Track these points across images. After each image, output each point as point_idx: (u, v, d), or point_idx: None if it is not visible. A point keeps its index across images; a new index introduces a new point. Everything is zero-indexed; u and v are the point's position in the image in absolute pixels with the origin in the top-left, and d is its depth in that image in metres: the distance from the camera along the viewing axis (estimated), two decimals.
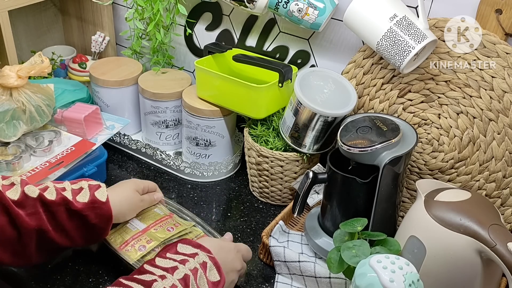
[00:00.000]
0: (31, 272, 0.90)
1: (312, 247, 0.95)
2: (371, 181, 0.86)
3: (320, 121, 0.97)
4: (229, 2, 1.08)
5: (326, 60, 1.12)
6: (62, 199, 0.80)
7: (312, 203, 1.06)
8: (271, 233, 0.95)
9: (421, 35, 0.86)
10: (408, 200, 1.02)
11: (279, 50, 1.17)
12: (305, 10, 1.00)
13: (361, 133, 0.87)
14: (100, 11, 1.39)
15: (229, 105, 1.10)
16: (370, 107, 1.01)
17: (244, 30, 1.21)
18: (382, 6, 0.88)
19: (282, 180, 1.07)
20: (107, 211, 0.84)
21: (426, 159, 0.96)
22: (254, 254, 0.97)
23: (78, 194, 0.83)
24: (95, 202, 0.83)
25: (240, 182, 1.18)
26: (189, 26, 1.27)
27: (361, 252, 0.76)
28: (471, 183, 0.94)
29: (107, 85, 1.22)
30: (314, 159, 1.08)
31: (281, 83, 1.04)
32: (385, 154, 0.84)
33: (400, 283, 0.66)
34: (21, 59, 1.42)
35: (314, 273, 0.88)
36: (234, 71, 1.17)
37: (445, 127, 0.94)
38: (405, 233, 0.82)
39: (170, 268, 0.71)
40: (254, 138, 1.08)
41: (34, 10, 1.44)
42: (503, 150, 0.90)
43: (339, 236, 0.83)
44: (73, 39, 1.53)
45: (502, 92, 0.88)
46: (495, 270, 0.78)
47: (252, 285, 0.91)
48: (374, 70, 0.99)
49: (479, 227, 0.73)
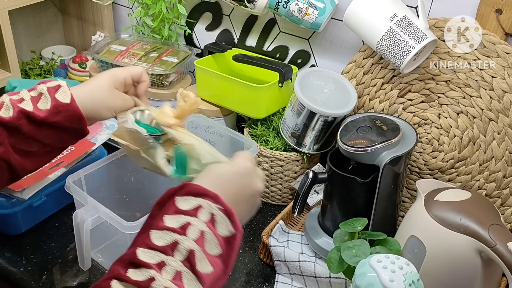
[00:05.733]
0: (31, 272, 0.90)
1: (312, 247, 0.96)
2: (371, 181, 0.86)
3: (320, 121, 0.97)
4: (229, 2, 1.08)
5: (326, 60, 1.12)
6: (21, 113, 0.72)
7: (312, 203, 1.06)
8: (271, 233, 0.95)
9: (421, 35, 0.86)
10: (408, 200, 1.02)
11: (279, 50, 1.17)
12: (305, 10, 1.00)
13: (361, 133, 0.87)
14: (100, 11, 1.39)
15: (229, 105, 1.10)
16: (370, 107, 1.01)
17: (244, 30, 1.21)
18: (382, 6, 0.88)
19: (282, 180, 1.07)
20: (74, 112, 0.74)
21: (426, 159, 0.96)
22: (254, 254, 0.97)
23: (39, 101, 0.74)
24: (58, 106, 0.74)
25: None
26: (189, 26, 1.28)
27: (361, 252, 0.76)
28: (471, 183, 0.94)
29: None
30: (314, 159, 1.08)
31: (281, 83, 1.04)
32: (385, 154, 0.84)
33: (400, 283, 0.66)
34: (21, 59, 1.42)
35: (314, 273, 0.88)
36: (234, 71, 1.17)
37: (445, 127, 0.94)
38: (405, 233, 0.82)
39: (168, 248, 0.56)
40: (254, 138, 1.08)
41: (34, 10, 1.44)
42: (503, 150, 0.90)
43: (339, 236, 0.83)
44: (73, 39, 1.53)
45: (502, 92, 0.88)
46: (495, 270, 0.78)
47: (252, 285, 0.91)
48: (374, 70, 0.99)
49: (479, 227, 0.73)
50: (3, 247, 0.95)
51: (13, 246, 0.95)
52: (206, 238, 0.58)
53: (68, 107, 0.74)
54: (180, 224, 0.58)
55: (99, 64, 1.23)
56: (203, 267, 0.56)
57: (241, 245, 0.99)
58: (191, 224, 0.57)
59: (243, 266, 0.95)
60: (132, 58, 1.21)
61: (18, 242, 0.95)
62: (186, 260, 0.55)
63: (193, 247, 0.56)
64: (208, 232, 0.58)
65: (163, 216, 0.59)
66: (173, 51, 1.25)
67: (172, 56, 1.23)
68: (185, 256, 0.56)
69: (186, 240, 0.56)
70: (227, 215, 0.60)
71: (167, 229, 0.57)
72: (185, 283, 0.55)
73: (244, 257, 0.97)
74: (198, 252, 0.56)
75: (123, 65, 1.18)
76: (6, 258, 0.92)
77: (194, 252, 0.56)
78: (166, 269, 0.54)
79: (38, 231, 0.98)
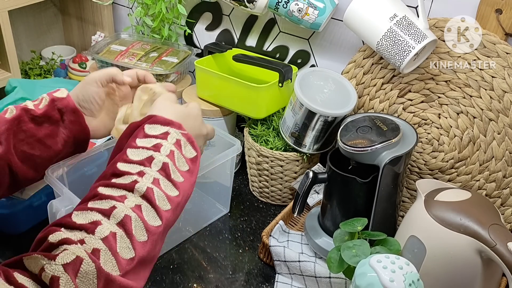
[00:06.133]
0: None
1: (312, 247, 0.96)
2: (371, 181, 0.86)
3: (320, 121, 0.97)
4: (229, 2, 1.08)
5: (326, 60, 1.12)
6: (23, 110, 0.79)
7: (312, 203, 1.06)
8: (271, 233, 0.95)
9: (421, 35, 0.86)
10: (408, 200, 1.02)
11: (279, 50, 1.17)
12: (305, 10, 1.00)
13: (361, 133, 0.87)
14: (100, 11, 1.39)
15: (229, 105, 1.10)
16: (370, 107, 1.01)
17: (244, 30, 1.21)
18: (382, 6, 0.88)
19: (282, 180, 1.07)
20: (68, 103, 0.81)
21: (426, 159, 0.96)
22: (254, 254, 0.97)
23: (40, 103, 0.81)
24: (54, 100, 0.81)
25: (240, 182, 1.18)
26: (189, 26, 1.28)
27: (361, 252, 0.76)
28: (471, 183, 0.94)
29: None
30: (314, 159, 1.08)
31: (281, 83, 1.04)
32: (385, 154, 0.84)
33: (400, 283, 0.66)
34: (21, 59, 1.42)
35: (314, 273, 0.88)
36: (234, 71, 1.17)
37: (445, 127, 0.94)
38: (405, 233, 0.82)
39: (145, 161, 0.66)
40: (254, 138, 1.08)
41: (34, 10, 1.44)
42: (503, 150, 0.90)
43: (339, 235, 0.83)
44: (73, 39, 1.53)
45: (502, 92, 0.88)
46: (495, 270, 0.78)
47: (252, 285, 0.91)
48: (374, 70, 0.99)
49: (479, 227, 0.73)
50: (3, 247, 0.95)
51: (13, 246, 0.95)
52: (176, 156, 0.68)
53: (63, 100, 0.82)
54: (152, 144, 0.68)
55: (99, 64, 1.23)
56: (176, 177, 0.67)
57: (241, 245, 1.00)
58: (162, 145, 0.68)
59: (243, 265, 0.95)
60: (132, 58, 1.21)
61: (18, 242, 0.95)
62: (162, 170, 0.66)
63: (166, 160, 0.67)
64: (177, 152, 0.69)
65: (136, 139, 0.69)
66: (173, 51, 1.25)
67: (172, 56, 1.23)
68: (160, 167, 0.66)
69: (160, 155, 0.67)
70: (189, 141, 0.72)
71: (142, 147, 0.68)
72: (162, 186, 0.65)
73: (244, 256, 0.97)
74: (171, 165, 0.67)
75: (123, 65, 1.18)
76: (6, 258, 0.92)
77: (168, 164, 0.67)
78: (146, 176, 0.64)
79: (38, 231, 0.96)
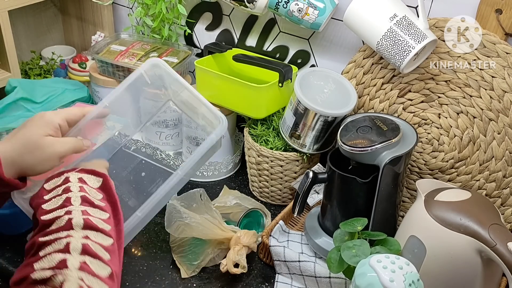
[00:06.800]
0: None
1: (312, 247, 0.96)
2: (371, 181, 0.86)
3: (320, 121, 0.97)
4: (229, 2, 1.08)
5: (326, 60, 1.12)
6: None
7: (312, 203, 1.06)
8: (271, 233, 0.95)
9: (421, 35, 0.86)
10: (408, 200, 1.02)
11: (279, 50, 1.17)
12: (305, 10, 1.00)
13: (361, 133, 0.87)
14: (100, 11, 1.39)
15: (229, 105, 1.10)
16: (370, 107, 1.01)
17: (244, 30, 1.21)
18: (382, 6, 0.88)
19: (282, 180, 1.07)
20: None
21: (426, 159, 0.96)
22: (254, 254, 0.97)
23: None
24: None
25: (240, 182, 1.18)
26: (189, 26, 1.28)
27: (361, 252, 0.76)
28: (471, 183, 0.94)
29: (107, 85, 1.22)
30: (314, 159, 1.08)
31: (281, 83, 1.04)
32: (385, 154, 0.84)
33: (400, 283, 0.66)
34: (21, 59, 1.42)
35: (314, 272, 0.88)
36: (234, 71, 1.17)
37: (445, 126, 0.94)
38: (405, 233, 0.82)
39: (64, 202, 0.63)
40: (254, 137, 1.08)
41: (34, 10, 1.44)
42: (503, 150, 0.90)
43: (339, 235, 0.83)
44: (73, 39, 1.53)
45: (502, 92, 0.88)
46: (495, 270, 0.78)
47: (252, 285, 0.91)
48: (374, 70, 0.99)
49: (479, 227, 0.73)
50: (3, 247, 0.95)
51: (13, 246, 0.95)
52: (86, 189, 0.66)
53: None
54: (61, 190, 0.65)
55: (99, 64, 1.23)
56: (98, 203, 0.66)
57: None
58: (69, 186, 0.66)
59: None
60: (132, 58, 1.21)
61: (18, 242, 0.95)
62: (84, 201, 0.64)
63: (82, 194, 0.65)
64: (84, 186, 0.67)
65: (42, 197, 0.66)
66: (173, 51, 1.25)
67: (172, 56, 1.23)
68: (80, 201, 0.64)
69: (74, 193, 0.65)
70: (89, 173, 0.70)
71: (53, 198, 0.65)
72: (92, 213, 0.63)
73: None
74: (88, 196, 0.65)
75: (123, 65, 1.18)
76: (6, 258, 0.92)
77: (86, 196, 0.65)
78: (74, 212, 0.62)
79: None
